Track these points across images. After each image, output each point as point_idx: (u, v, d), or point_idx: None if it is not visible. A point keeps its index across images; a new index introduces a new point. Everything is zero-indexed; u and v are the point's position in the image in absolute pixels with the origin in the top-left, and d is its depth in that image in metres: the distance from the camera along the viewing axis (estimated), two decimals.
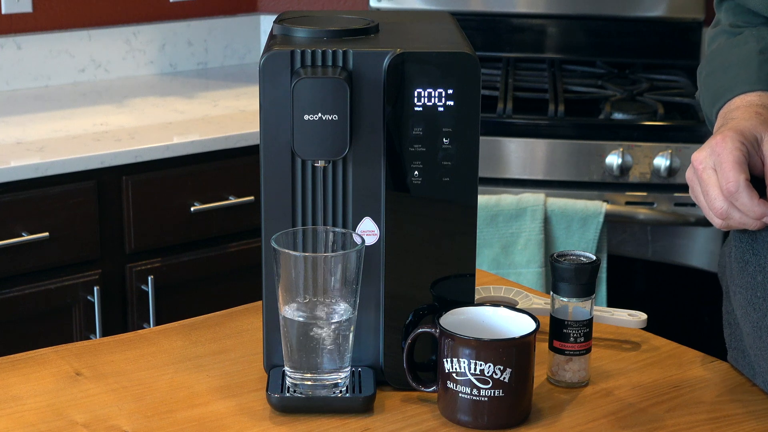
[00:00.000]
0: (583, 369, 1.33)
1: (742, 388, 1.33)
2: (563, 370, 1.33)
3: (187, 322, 1.49)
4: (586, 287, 1.31)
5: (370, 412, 1.25)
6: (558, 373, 1.33)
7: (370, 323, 1.30)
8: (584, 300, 1.31)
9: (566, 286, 1.31)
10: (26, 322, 2.39)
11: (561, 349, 1.32)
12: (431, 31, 1.35)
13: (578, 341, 1.32)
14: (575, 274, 1.30)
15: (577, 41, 3.08)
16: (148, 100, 2.87)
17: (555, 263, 1.31)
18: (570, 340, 1.32)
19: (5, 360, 1.38)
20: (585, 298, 1.31)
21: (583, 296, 1.31)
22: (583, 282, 1.31)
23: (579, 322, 1.31)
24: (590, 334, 1.33)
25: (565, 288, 1.31)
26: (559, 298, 1.32)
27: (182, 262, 2.56)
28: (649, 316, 1.44)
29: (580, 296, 1.31)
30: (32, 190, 2.35)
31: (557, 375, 1.33)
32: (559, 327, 1.32)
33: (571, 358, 1.32)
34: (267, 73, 1.23)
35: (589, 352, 1.33)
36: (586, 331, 1.32)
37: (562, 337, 1.32)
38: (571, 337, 1.32)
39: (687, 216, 2.58)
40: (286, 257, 1.22)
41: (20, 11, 2.90)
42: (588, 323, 1.32)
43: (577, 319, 1.31)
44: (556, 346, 1.33)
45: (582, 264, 1.31)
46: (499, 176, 2.63)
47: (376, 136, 1.25)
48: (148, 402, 1.28)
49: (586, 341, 1.32)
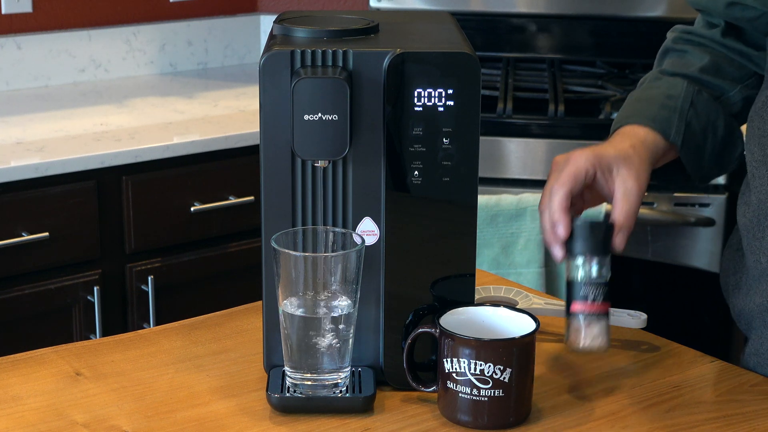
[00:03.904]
0: (603, 334, 1.27)
1: (742, 388, 1.33)
2: (581, 337, 1.27)
3: (187, 322, 1.49)
4: (601, 245, 1.27)
5: (370, 412, 1.26)
6: (576, 340, 1.27)
7: (370, 323, 1.30)
8: (600, 258, 1.27)
9: (581, 245, 1.27)
10: (26, 322, 2.39)
11: (577, 312, 1.27)
12: (431, 31, 1.35)
13: (595, 302, 1.26)
14: (590, 231, 1.27)
15: (577, 41, 3.08)
16: (148, 100, 2.87)
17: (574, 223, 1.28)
18: (588, 301, 1.26)
19: (5, 360, 1.38)
20: (601, 257, 1.27)
21: (599, 254, 1.27)
22: (598, 239, 1.27)
23: (596, 283, 1.27)
24: (609, 296, 1.27)
25: (580, 246, 1.27)
26: (574, 258, 1.27)
27: (182, 262, 2.56)
28: (649, 316, 1.44)
29: (594, 254, 1.27)
30: (32, 190, 2.35)
31: (576, 342, 1.27)
32: (574, 289, 1.27)
33: (590, 323, 1.27)
34: (267, 73, 1.23)
35: (607, 316, 1.27)
36: (605, 291, 1.27)
37: (578, 299, 1.27)
38: (588, 299, 1.26)
39: (687, 216, 2.59)
40: (286, 257, 1.22)
41: (20, 11, 2.90)
42: (605, 285, 1.27)
43: (594, 281, 1.27)
44: (572, 310, 1.27)
45: (596, 221, 1.28)
46: (499, 176, 2.63)
47: (376, 136, 1.25)
48: (148, 402, 1.28)
49: (604, 303, 1.27)
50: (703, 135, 1.45)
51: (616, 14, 3.04)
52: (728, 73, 1.49)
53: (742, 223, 1.44)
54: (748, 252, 1.43)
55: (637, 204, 1.33)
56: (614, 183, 1.34)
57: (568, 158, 1.35)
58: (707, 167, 1.48)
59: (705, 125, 1.45)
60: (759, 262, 1.40)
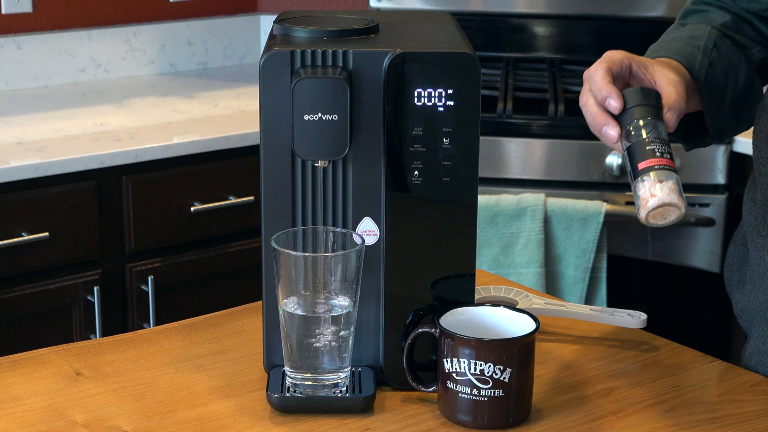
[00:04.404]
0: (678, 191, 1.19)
1: (742, 388, 1.33)
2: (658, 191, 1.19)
3: (187, 322, 1.49)
4: (655, 110, 1.24)
5: (370, 412, 1.26)
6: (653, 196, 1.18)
7: (370, 323, 1.30)
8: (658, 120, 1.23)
9: (639, 108, 1.23)
10: (26, 322, 2.39)
11: (649, 166, 1.20)
12: (431, 31, 1.35)
13: (665, 156, 1.21)
14: (643, 94, 1.24)
15: (577, 41, 3.08)
16: (148, 100, 2.87)
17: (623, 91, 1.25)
18: (656, 156, 1.20)
19: (5, 360, 1.38)
20: (658, 119, 1.23)
21: (658, 115, 1.23)
22: (652, 103, 1.24)
23: (662, 139, 1.22)
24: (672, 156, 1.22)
25: (638, 110, 1.23)
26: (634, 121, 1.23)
27: (182, 262, 2.56)
28: (649, 316, 1.44)
29: (654, 113, 1.23)
30: (32, 190, 2.35)
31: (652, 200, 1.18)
32: (639, 150, 1.21)
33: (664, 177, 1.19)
34: (267, 73, 1.23)
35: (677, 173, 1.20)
36: (670, 150, 1.21)
37: (645, 157, 1.20)
38: (657, 152, 1.21)
39: (687, 216, 2.58)
40: (286, 257, 1.22)
41: (20, 11, 2.90)
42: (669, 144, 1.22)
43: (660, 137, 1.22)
44: (641, 167, 1.20)
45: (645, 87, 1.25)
46: (499, 176, 2.63)
47: (376, 136, 1.25)
48: (148, 402, 1.28)
49: (672, 161, 1.21)
50: (725, 78, 1.42)
51: (616, 14, 3.04)
52: (749, 34, 1.48)
53: (748, 220, 1.44)
54: (753, 249, 1.43)
55: (682, 93, 1.29)
56: (654, 75, 1.30)
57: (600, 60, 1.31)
58: (726, 116, 1.44)
59: (727, 69, 1.42)
60: (763, 260, 1.40)
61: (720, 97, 1.42)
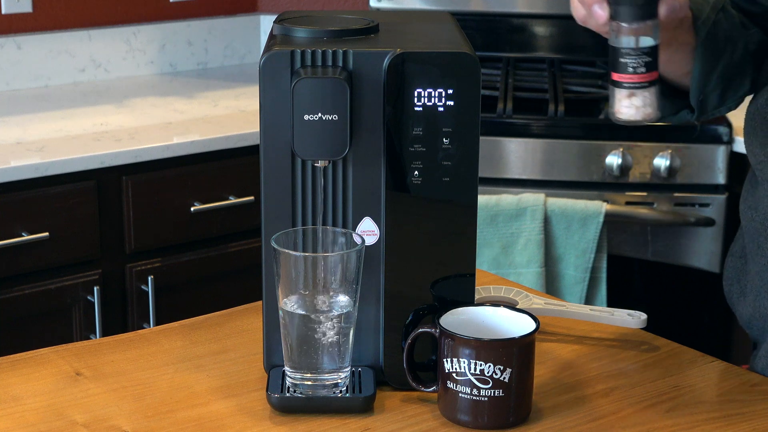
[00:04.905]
0: (647, 105, 1.20)
1: (742, 388, 1.33)
2: (624, 107, 1.20)
3: (187, 322, 1.49)
4: (645, 8, 1.19)
5: (370, 412, 1.25)
6: (620, 110, 1.20)
7: (370, 323, 1.30)
8: (642, 23, 1.19)
9: (623, 8, 1.19)
10: (26, 322, 2.39)
11: (619, 81, 1.19)
12: (431, 31, 1.35)
13: (638, 72, 1.19)
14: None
15: (577, 41, 3.08)
16: (148, 100, 2.87)
17: None
18: (628, 71, 1.19)
19: (5, 360, 1.38)
20: (643, 22, 1.19)
21: (641, 18, 1.19)
22: (640, 2, 1.18)
23: (638, 49, 1.18)
24: (653, 64, 1.19)
25: (622, 11, 1.18)
26: (615, 22, 1.19)
27: (182, 262, 2.56)
28: (649, 316, 1.44)
29: (637, 18, 1.18)
30: (32, 190, 2.35)
31: (618, 112, 1.20)
32: (615, 56, 1.19)
33: (633, 92, 1.19)
34: (267, 73, 1.23)
35: (654, 85, 1.20)
36: (647, 60, 1.19)
37: (618, 67, 1.19)
38: (629, 68, 1.19)
39: (687, 216, 2.59)
40: (286, 257, 1.22)
41: (20, 11, 2.90)
42: (651, 51, 1.19)
43: (635, 49, 1.19)
44: (614, 78, 1.20)
45: None
46: (499, 176, 2.63)
47: (376, 136, 1.25)
48: (148, 402, 1.28)
49: (649, 72, 1.19)
50: (724, 44, 1.39)
51: None
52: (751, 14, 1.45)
53: (751, 227, 1.43)
54: (757, 255, 1.42)
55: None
56: None
57: None
58: (713, 85, 1.40)
59: (728, 36, 1.39)
60: None
61: (715, 61, 1.38)
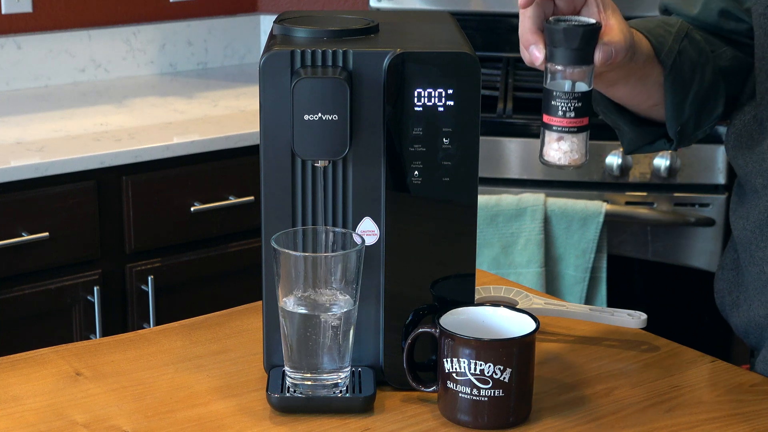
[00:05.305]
0: (574, 150, 1.19)
1: (742, 388, 1.33)
2: (552, 150, 1.20)
3: (187, 322, 1.49)
4: (579, 53, 1.18)
5: (370, 412, 1.25)
6: (547, 153, 1.20)
7: (370, 323, 1.30)
8: (578, 68, 1.18)
9: (557, 52, 1.18)
10: (26, 322, 2.39)
11: (548, 124, 1.19)
12: (431, 31, 1.35)
13: (567, 116, 1.18)
14: (565, 37, 1.18)
15: None
16: (148, 100, 2.87)
17: (547, 25, 1.19)
18: (558, 114, 1.18)
19: (5, 360, 1.38)
20: (579, 66, 1.18)
21: (575, 63, 1.18)
22: (574, 47, 1.18)
23: (569, 93, 1.18)
24: (584, 110, 1.18)
25: (557, 54, 1.18)
26: (551, 64, 1.19)
27: (182, 262, 2.56)
28: (649, 316, 1.44)
29: (571, 63, 1.18)
30: (32, 190, 2.35)
31: (546, 155, 1.20)
32: (547, 99, 1.18)
33: (562, 136, 1.19)
34: (267, 73, 1.23)
35: (583, 132, 1.19)
36: (577, 105, 1.18)
37: (550, 110, 1.18)
38: (560, 111, 1.18)
39: (687, 216, 2.59)
40: (286, 257, 1.22)
41: (20, 11, 2.90)
42: (582, 97, 1.18)
43: (567, 93, 1.18)
44: (544, 121, 1.19)
45: (574, 26, 1.18)
46: (499, 176, 2.63)
47: (376, 136, 1.25)
48: (148, 402, 1.28)
49: (578, 117, 1.18)
50: (692, 72, 1.39)
51: None
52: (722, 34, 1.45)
53: (742, 236, 1.43)
54: (750, 264, 1.42)
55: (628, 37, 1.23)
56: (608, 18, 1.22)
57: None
58: (687, 113, 1.40)
59: (695, 63, 1.39)
60: (763, 272, 1.39)
61: (685, 90, 1.38)
